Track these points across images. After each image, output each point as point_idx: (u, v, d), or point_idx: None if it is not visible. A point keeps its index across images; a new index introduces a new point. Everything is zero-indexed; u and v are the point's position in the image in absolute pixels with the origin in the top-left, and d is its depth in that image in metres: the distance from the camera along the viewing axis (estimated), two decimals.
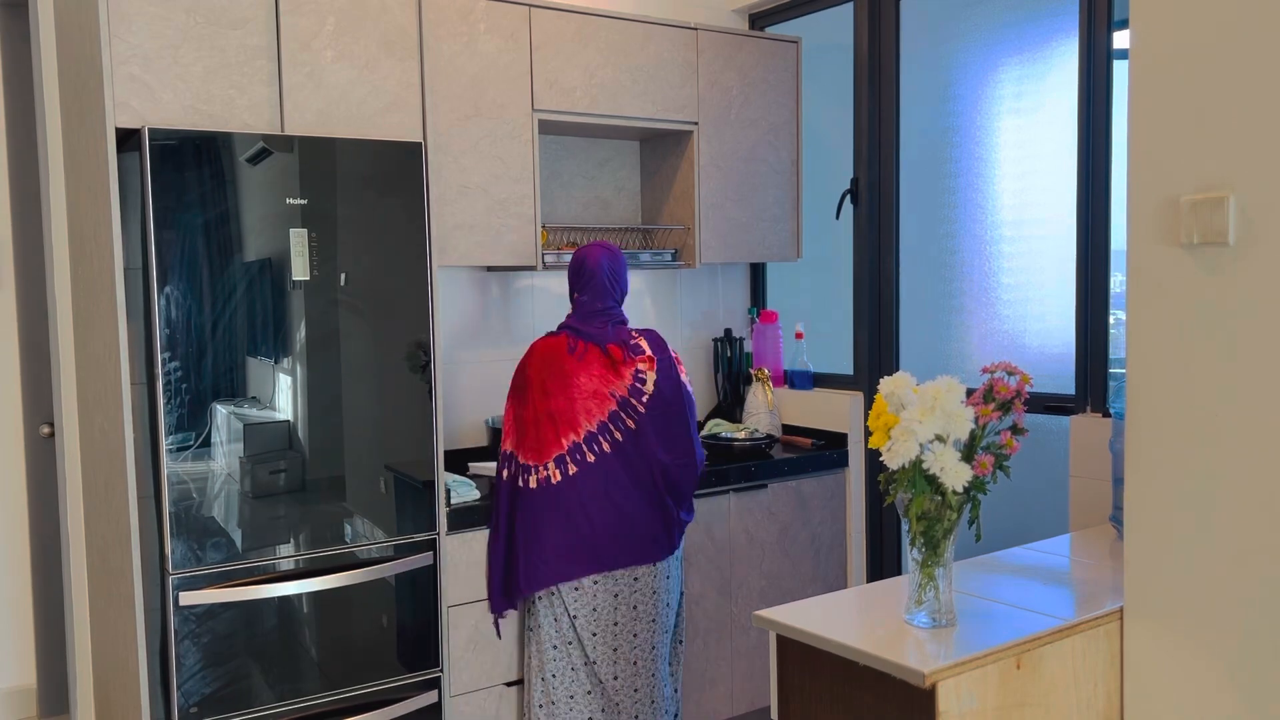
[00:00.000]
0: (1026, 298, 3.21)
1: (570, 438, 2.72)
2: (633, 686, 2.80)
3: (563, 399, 2.71)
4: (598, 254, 2.84)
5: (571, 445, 2.71)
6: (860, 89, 3.57)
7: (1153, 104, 1.81)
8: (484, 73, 3.06)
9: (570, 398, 2.72)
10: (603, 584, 2.76)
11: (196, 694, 2.46)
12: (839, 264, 3.74)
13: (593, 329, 2.79)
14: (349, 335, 2.65)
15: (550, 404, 2.71)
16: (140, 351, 2.51)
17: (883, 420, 1.81)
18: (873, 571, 3.62)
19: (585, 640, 2.76)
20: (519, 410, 2.77)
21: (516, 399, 2.78)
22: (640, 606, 2.80)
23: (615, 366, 2.76)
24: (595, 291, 2.82)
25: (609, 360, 2.76)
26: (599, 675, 2.77)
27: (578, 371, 2.73)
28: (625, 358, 2.77)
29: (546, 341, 2.80)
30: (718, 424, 3.72)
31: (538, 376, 2.74)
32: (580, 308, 2.83)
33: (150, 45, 2.41)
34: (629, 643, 2.80)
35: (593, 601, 2.76)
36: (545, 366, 2.74)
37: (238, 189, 2.48)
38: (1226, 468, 1.72)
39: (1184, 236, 1.76)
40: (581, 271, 2.84)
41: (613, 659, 2.78)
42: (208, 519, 2.48)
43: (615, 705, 2.79)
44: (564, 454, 2.71)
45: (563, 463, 2.71)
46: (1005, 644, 1.76)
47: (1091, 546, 2.40)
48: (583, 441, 2.72)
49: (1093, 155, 2.86)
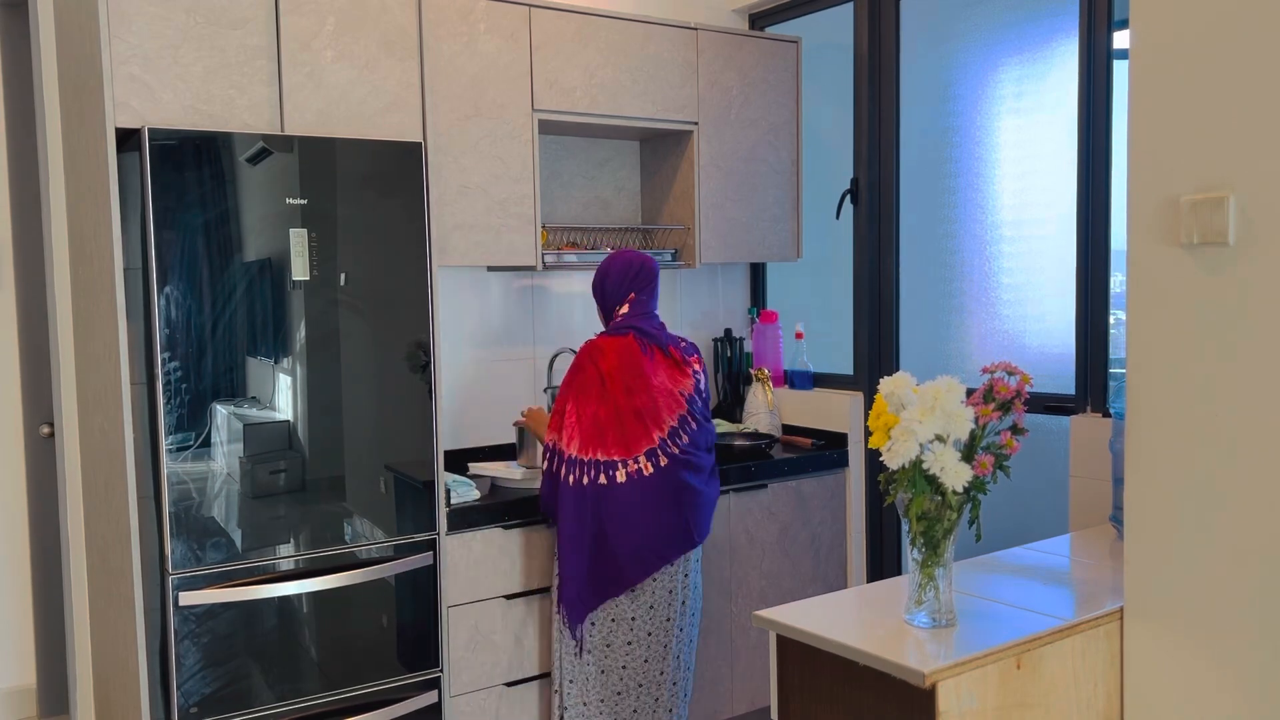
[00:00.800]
0: (1026, 298, 3.21)
1: (656, 434, 2.73)
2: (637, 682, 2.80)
3: (645, 396, 2.72)
4: (651, 258, 2.88)
5: (660, 440, 2.73)
6: (860, 89, 3.57)
7: (1153, 104, 1.81)
8: (484, 73, 3.06)
9: (652, 396, 2.73)
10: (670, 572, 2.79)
11: (196, 694, 2.46)
12: (839, 264, 3.74)
13: (654, 329, 2.82)
14: (349, 335, 2.65)
15: (635, 401, 2.71)
16: (140, 351, 2.51)
17: (883, 420, 1.81)
18: (873, 571, 3.62)
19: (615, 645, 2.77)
20: (596, 409, 2.71)
21: (587, 398, 2.72)
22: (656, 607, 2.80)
23: (680, 366, 2.79)
24: (652, 291, 2.85)
25: (672, 360, 2.79)
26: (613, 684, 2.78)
27: (654, 370, 2.75)
28: (683, 359, 2.81)
29: (616, 340, 2.78)
30: (718, 424, 3.72)
31: (619, 375, 2.72)
32: (637, 307, 2.83)
33: (150, 45, 2.41)
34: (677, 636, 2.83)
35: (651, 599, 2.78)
36: (623, 365, 2.73)
37: (238, 189, 2.48)
38: (1226, 468, 1.72)
39: (1184, 236, 1.76)
40: (642, 273, 2.84)
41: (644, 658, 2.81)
42: (208, 519, 2.48)
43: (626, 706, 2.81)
44: (654, 448, 2.72)
45: (654, 455, 2.72)
46: (1005, 644, 1.76)
47: (1091, 546, 2.40)
48: (667, 437, 2.74)
49: (1093, 155, 2.86)
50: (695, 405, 2.81)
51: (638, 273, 2.84)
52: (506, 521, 2.90)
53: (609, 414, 2.71)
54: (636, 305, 2.83)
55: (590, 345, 2.80)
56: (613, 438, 2.71)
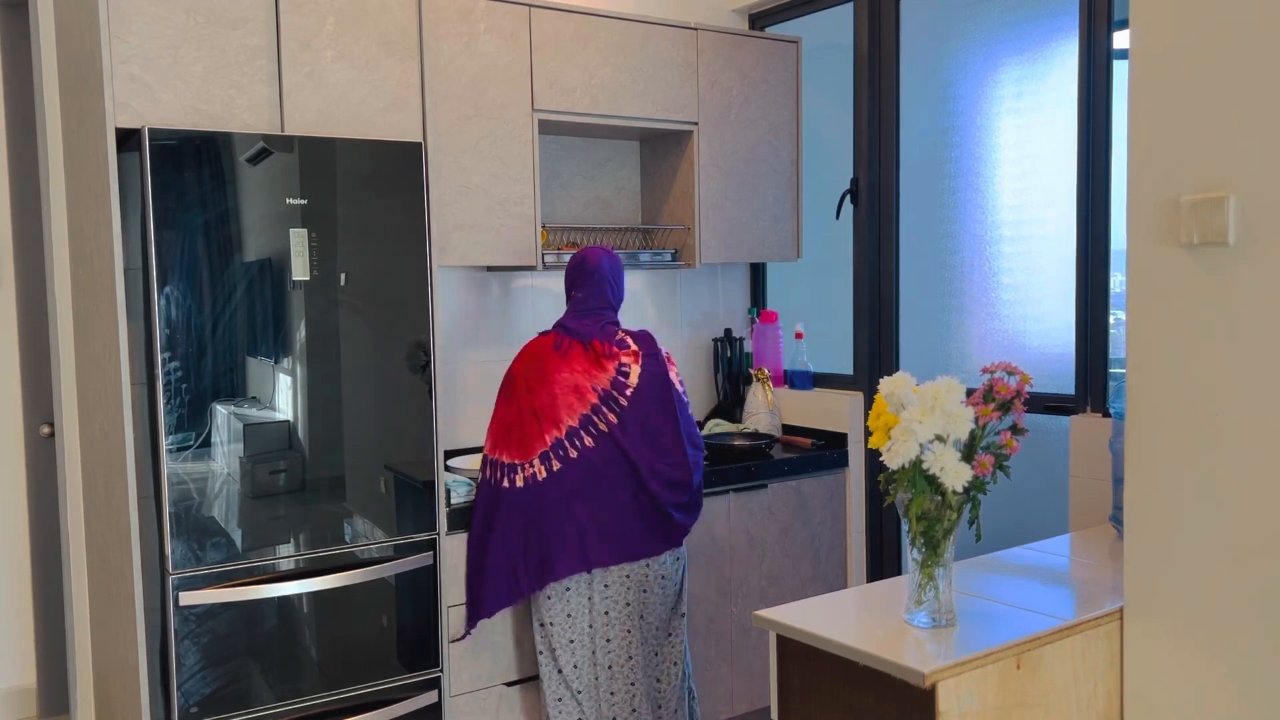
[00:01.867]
0: (1026, 298, 3.21)
1: (553, 433, 2.70)
2: (609, 690, 2.79)
3: (544, 394, 2.70)
4: (598, 254, 2.85)
5: (554, 441, 2.69)
6: (860, 89, 3.57)
7: (1153, 104, 1.81)
8: (484, 73, 3.06)
9: (551, 393, 2.70)
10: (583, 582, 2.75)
11: (196, 694, 2.46)
12: (839, 264, 3.74)
13: (581, 325, 2.79)
14: (349, 335, 2.65)
15: (533, 400, 2.70)
16: (140, 351, 2.51)
17: (883, 420, 1.81)
18: (873, 571, 3.62)
19: (560, 649, 2.75)
20: (504, 411, 2.75)
21: (504, 400, 2.77)
22: (631, 604, 2.78)
23: (598, 360, 2.75)
24: (590, 289, 2.82)
25: (592, 355, 2.75)
26: (570, 683, 2.76)
27: (560, 367, 2.73)
28: (608, 351, 2.76)
29: (534, 341, 2.81)
30: (718, 424, 3.72)
31: (522, 375, 2.74)
32: (575, 304, 2.83)
33: (150, 45, 2.41)
34: (603, 646, 2.78)
35: (567, 607, 2.74)
36: (530, 365, 2.75)
37: (238, 189, 2.48)
38: (1226, 468, 1.72)
39: (1184, 236, 1.76)
40: (582, 269, 2.84)
41: (591, 662, 2.77)
42: (208, 519, 2.48)
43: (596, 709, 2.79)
44: (548, 450, 2.69)
45: (547, 459, 2.69)
46: (1005, 644, 1.76)
47: (1091, 546, 2.40)
48: (564, 437, 2.70)
49: (1093, 155, 2.86)
50: (614, 399, 2.72)
51: (577, 270, 2.85)
52: None
53: (514, 415, 2.72)
54: (574, 303, 2.84)
55: (521, 349, 2.83)
56: (514, 439, 2.71)
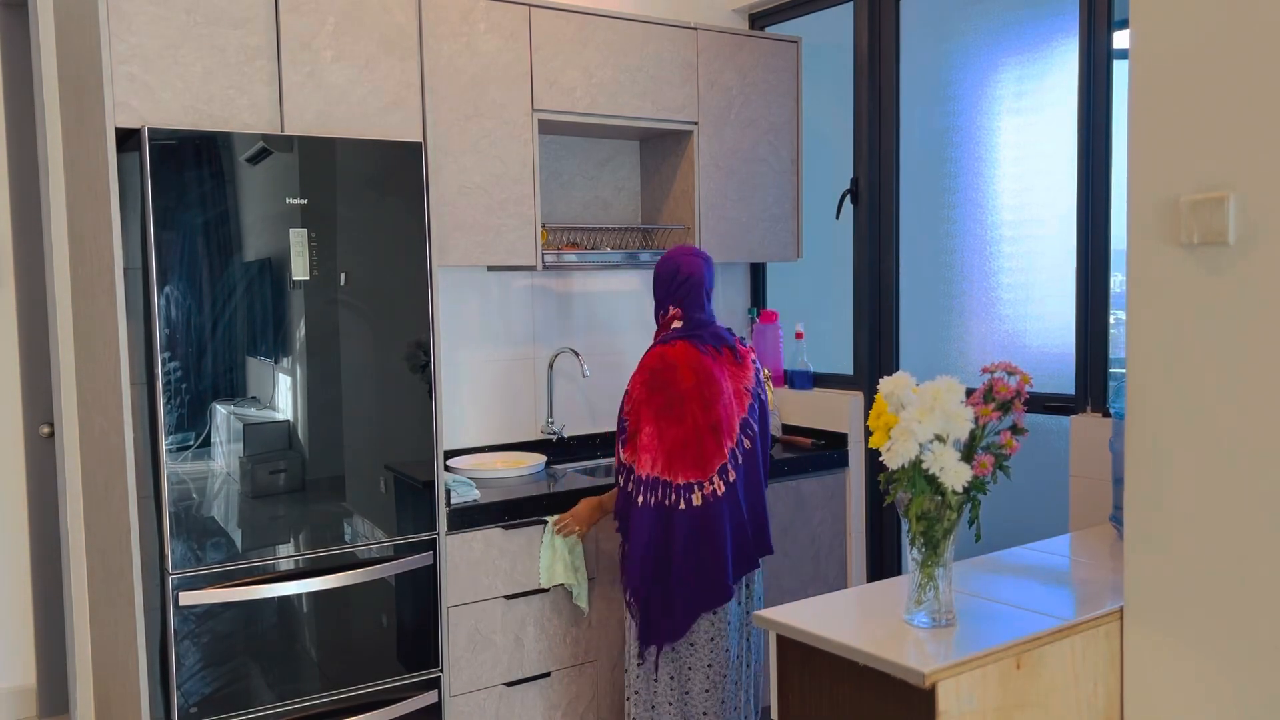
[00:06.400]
0: (1026, 298, 3.21)
1: (728, 444, 2.62)
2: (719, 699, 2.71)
3: (719, 406, 2.60)
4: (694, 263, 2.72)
5: (730, 451, 2.62)
6: (860, 89, 3.57)
7: (1153, 104, 1.81)
8: (484, 73, 3.06)
9: (725, 403, 2.62)
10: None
11: (196, 694, 2.46)
12: (839, 264, 3.74)
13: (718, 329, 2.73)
14: (349, 335, 2.65)
15: (711, 415, 2.59)
16: (140, 351, 2.51)
17: (883, 420, 1.81)
18: (873, 571, 3.62)
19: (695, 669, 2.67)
20: (676, 431, 2.57)
21: (673, 421, 2.57)
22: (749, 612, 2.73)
23: (742, 361, 2.72)
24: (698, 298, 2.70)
25: (733, 355, 2.71)
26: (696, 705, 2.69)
27: (722, 376, 2.64)
28: (743, 350, 2.75)
29: (680, 353, 2.62)
30: None
31: (695, 392, 2.58)
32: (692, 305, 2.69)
33: (150, 45, 2.41)
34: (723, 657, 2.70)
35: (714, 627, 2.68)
36: (698, 377, 2.60)
37: (237, 189, 2.48)
38: (1226, 467, 1.72)
39: (1184, 236, 1.76)
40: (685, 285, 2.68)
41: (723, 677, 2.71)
42: (207, 519, 2.48)
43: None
44: (725, 463, 2.61)
45: (724, 472, 2.60)
46: (1005, 644, 1.76)
47: (1091, 546, 2.40)
48: (735, 446, 2.64)
49: (1093, 155, 2.86)
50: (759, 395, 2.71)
51: (681, 284, 2.69)
52: (506, 521, 2.90)
53: (690, 433, 2.57)
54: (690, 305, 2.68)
55: (663, 361, 2.63)
56: (690, 457, 2.57)
